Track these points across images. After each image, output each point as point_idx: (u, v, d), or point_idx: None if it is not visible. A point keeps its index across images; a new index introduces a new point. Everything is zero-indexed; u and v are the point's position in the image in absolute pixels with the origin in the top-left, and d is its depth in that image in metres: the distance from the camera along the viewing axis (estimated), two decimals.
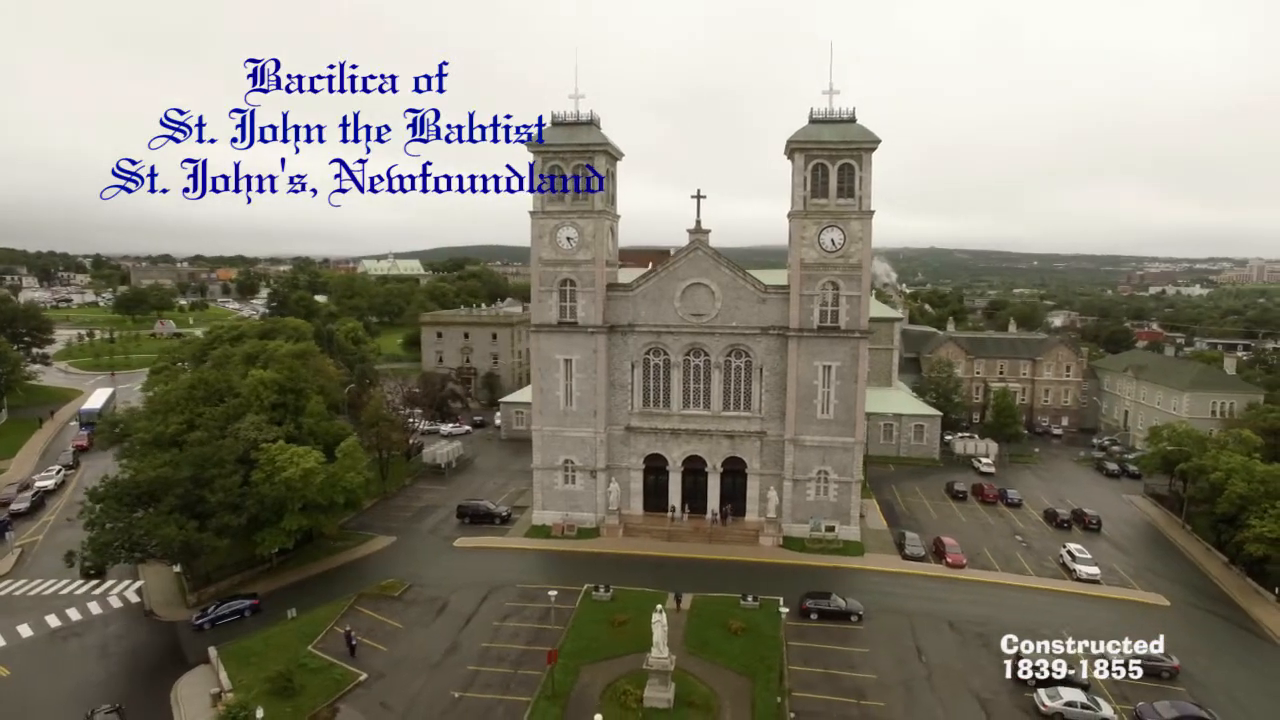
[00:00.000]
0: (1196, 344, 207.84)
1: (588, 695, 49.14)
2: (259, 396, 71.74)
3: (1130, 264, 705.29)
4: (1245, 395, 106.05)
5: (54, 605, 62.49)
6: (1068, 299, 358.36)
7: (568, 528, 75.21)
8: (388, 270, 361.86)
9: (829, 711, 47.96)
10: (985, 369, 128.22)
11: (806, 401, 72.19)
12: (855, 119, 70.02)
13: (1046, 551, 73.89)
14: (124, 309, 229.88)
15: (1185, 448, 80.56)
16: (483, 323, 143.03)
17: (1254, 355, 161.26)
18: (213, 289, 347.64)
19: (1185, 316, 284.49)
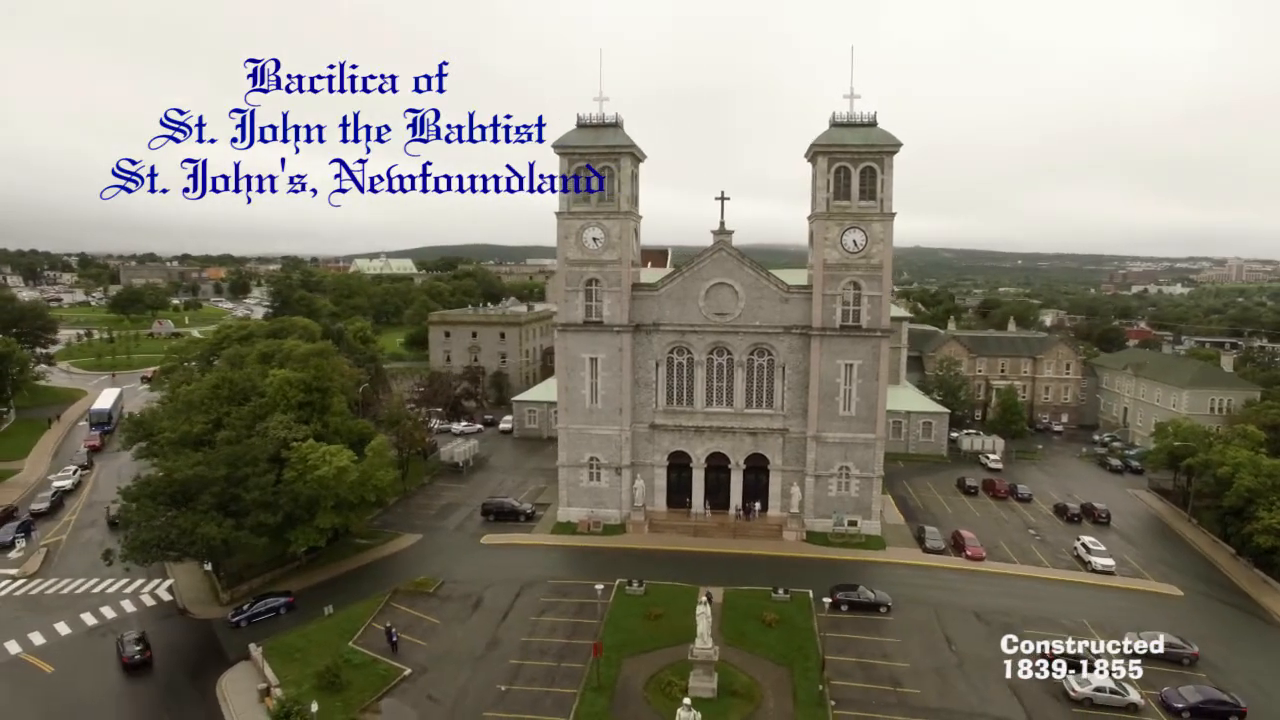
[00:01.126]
0: (1184, 342, 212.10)
1: (632, 686, 50.26)
2: (285, 395, 72.14)
3: (1112, 263, 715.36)
4: (1243, 392, 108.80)
5: (87, 604, 62.84)
6: (1053, 298, 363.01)
7: (593, 524, 76.22)
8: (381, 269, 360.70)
9: (867, 699, 49.37)
10: (987, 367, 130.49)
11: (829, 399, 73.65)
12: (876, 123, 71.56)
13: (1060, 544, 75.81)
14: (119, 308, 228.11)
15: (1191, 443, 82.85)
16: (491, 322, 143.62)
17: (1244, 353, 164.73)
18: (204, 288, 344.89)
19: (1171, 315, 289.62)
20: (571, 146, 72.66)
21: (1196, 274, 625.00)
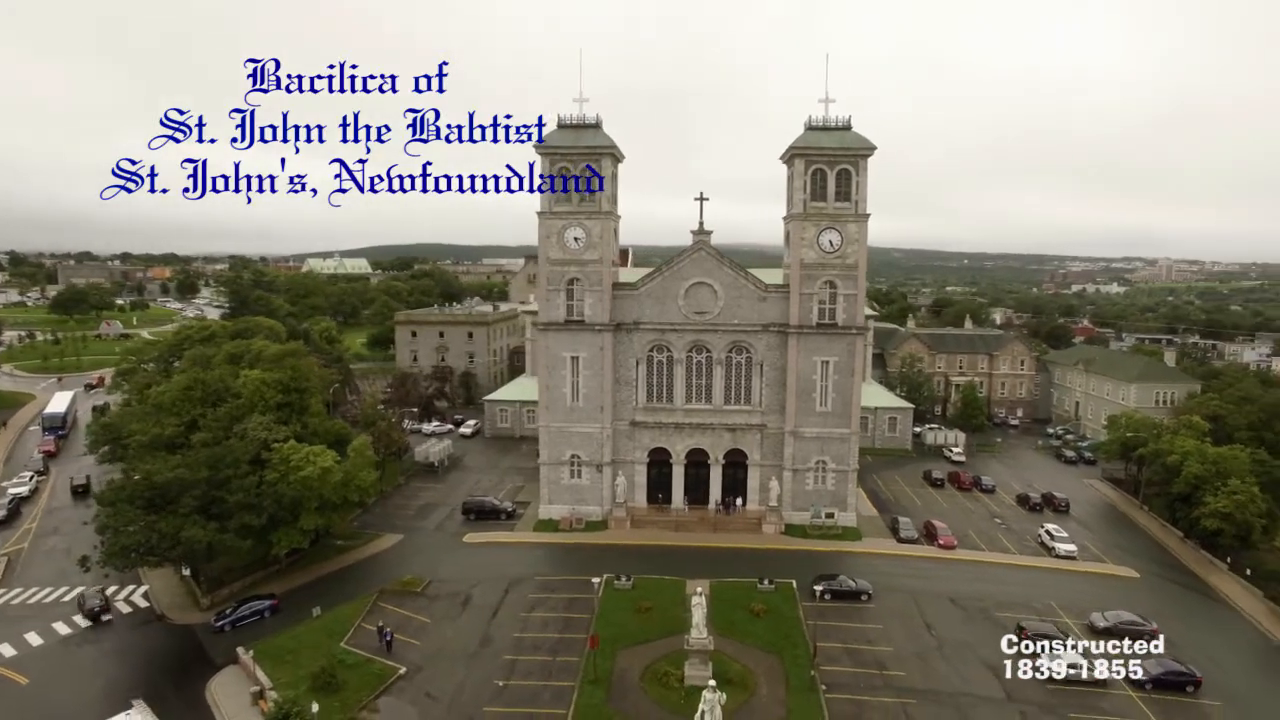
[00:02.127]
0: (1125, 339, 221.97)
1: (628, 677, 51.23)
2: (263, 396, 71.09)
3: (1053, 263, 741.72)
4: (1185, 385, 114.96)
5: (58, 613, 61.08)
6: (999, 296, 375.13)
7: (575, 521, 76.84)
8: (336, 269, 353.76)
9: (856, 682, 51.28)
10: (946, 364, 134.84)
11: (806, 395, 75.66)
12: (850, 126, 73.79)
13: (1025, 532, 79.29)
14: (62, 309, 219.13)
15: (1142, 434, 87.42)
16: (458, 321, 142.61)
17: (1180, 350, 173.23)
18: (150, 288, 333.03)
19: (1110, 314, 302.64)
20: (553, 147, 73.15)
21: (1131, 273, 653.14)
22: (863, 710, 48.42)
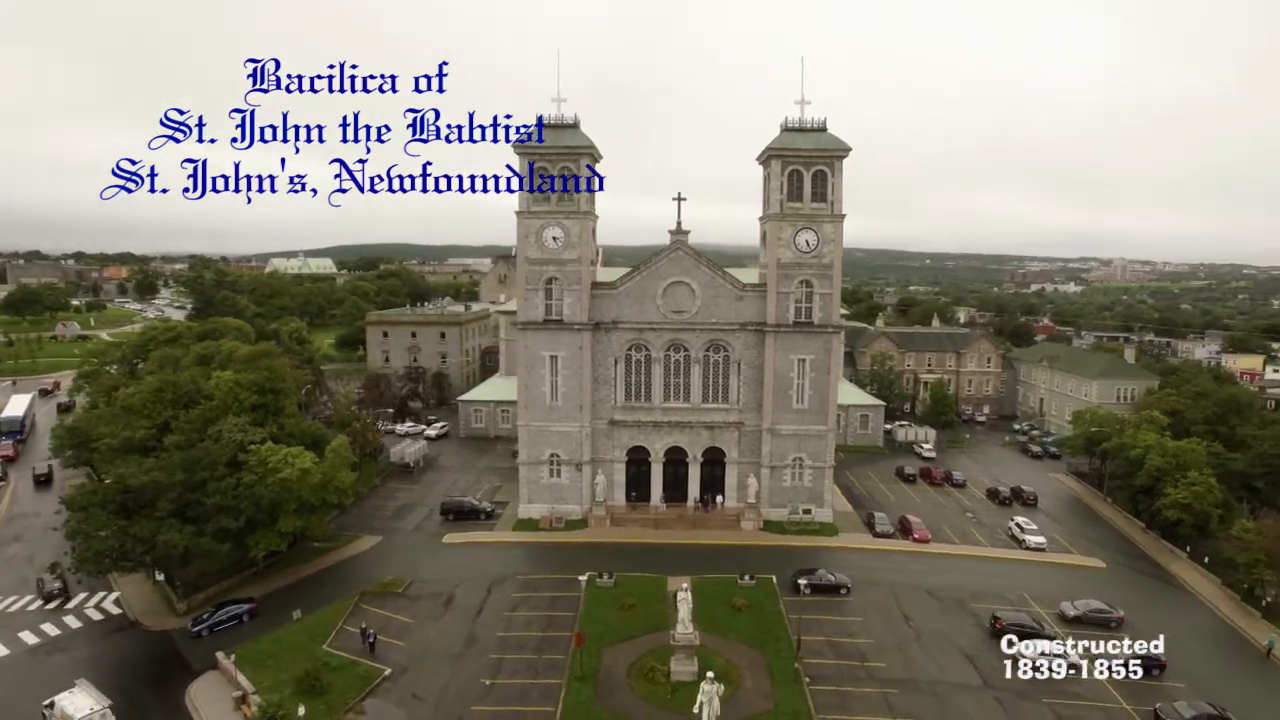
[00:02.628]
0: (1084, 337, 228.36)
1: (615, 673, 51.61)
2: (237, 398, 69.95)
3: (1013, 263, 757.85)
4: (1144, 381, 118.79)
5: (23, 622, 59.32)
6: (961, 295, 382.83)
7: (555, 520, 76.92)
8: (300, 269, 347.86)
9: (839, 674, 52.33)
10: (915, 362, 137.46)
11: (783, 393, 76.71)
12: (826, 128, 75.00)
13: (995, 525, 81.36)
14: (14, 309, 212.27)
15: (1105, 429, 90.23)
16: (430, 321, 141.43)
17: (1138, 347, 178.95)
18: (107, 289, 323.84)
19: (1069, 312, 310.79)
20: (532, 147, 73.05)
21: (1087, 273, 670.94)
22: (846, 700, 49.42)
